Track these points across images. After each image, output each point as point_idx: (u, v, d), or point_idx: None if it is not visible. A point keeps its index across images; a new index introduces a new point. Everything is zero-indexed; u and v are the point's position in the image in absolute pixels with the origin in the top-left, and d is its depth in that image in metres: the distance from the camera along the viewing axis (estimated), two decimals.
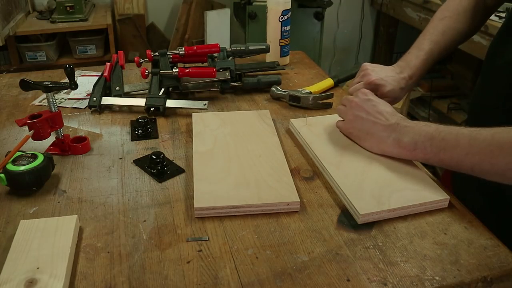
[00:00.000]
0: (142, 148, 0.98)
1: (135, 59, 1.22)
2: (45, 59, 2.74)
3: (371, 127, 0.87)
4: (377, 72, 1.00)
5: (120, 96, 1.16)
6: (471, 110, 1.07)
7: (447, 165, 0.78)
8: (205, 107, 1.10)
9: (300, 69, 1.38)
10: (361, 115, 0.89)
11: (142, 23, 3.00)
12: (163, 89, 1.15)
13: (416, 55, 1.03)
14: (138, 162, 0.93)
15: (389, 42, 3.44)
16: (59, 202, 0.82)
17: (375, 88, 0.97)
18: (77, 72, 1.34)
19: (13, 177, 0.81)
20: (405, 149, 0.83)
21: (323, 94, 1.14)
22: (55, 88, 0.92)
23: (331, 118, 1.05)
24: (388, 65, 1.04)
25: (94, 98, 1.14)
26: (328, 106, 1.13)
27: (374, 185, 0.81)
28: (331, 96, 1.14)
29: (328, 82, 1.23)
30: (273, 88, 1.19)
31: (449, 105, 3.03)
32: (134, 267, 0.68)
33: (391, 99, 0.98)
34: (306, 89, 1.17)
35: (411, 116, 3.09)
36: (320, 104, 1.12)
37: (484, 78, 0.97)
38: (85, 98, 1.19)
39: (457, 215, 0.78)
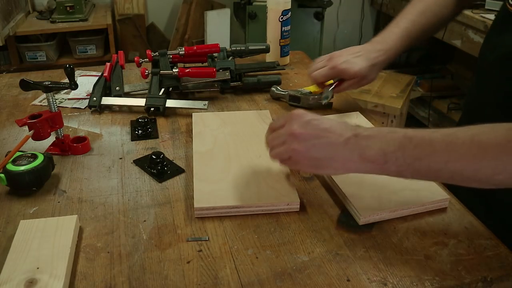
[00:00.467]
0: (142, 148, 0.98)
1: (135, 59, 1.22)
2: (45, 59, 2.74)
3: (329, 150, 0.71)
4: (344, 56, 0.99)
5: (120, 96, 1.16)
6: (466, 107, 1.06)
7: (423, 176, 0.68)
8: (205, 107, 1.10)
9: (300, 69, 1.38)
10: (312, 142, 0.72)
11: (142, 23, 3.00)
12: (163, 89, 1.15)
13: (392, 31, 1.02)
14: (138, 162, 0.93)
15: None
16: (59, 202, 0.82)
17: (341, 73, 0.97)
18: (77, 72, 1.34)
19: (13, 177, 0.81)
20: (374, 163, 0.69)
21: (323, 95, 1.14)
22: (55, 88, 0.92)
23: (329, 118, 1.05)
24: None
25: (94, 98, 1.14)
26: (328, 106, 1.13)
27: (374, 186, 0.81)
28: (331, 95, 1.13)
29: (328, 82, 1.23)
30: (273, 88, 1.19)
31: (449, 105, 3.04)
32: (134, 267, 0.68)
33: (360, 79, 0.98)
34: (306, 89, 1.17)
35: (411, 116, 3.09)
36: (320, 104, 1.12)
37: (479, 74, 0.96)
38: (85, 98, 1.19)
39: (457, 215, 0.78)
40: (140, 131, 1.03)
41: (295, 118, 0.74)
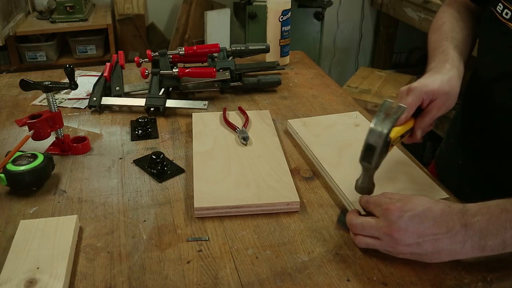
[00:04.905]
0: (142, 148, 0.98)
1: (135, 59, 1.22)
2: (45, 59, 2.74)
3: (434, 247, 0.64)
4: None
5: (120, 96, 1.16)
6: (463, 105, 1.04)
7: None
8: (205, 107, 1.10)
9: (300, 69, 1.38)
10: (415, 241, 0.64)
11: (142, 23, 3.00)
12: (163, 89, 1.15)
13: (443, 55, 0.87)
14: (138, 162, 0.93)
15: (389, 42, 3.44)
16: (59, 202, 0.82)
17: (421, 92, 0.77)
18: (77, 72, 1.34)
19: (13, 177, 0.81)
20: (492, 251, 0.64)
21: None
22: (55, 88, 0.92)
23: (329, 118, 1.05)
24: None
25: (94, 98, 1.14)
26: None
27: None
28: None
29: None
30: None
31: None
32: (134, 267, 0.68)
33: (445, 97, 0.79)
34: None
35: None
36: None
37: (475, 92, 0.94)
38: (85, 98, 1.19)
39: None
40: (140, 131, 1.03)
41: (393, 215, 0.65)
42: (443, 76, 0.80)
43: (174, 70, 1.16)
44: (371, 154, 0.71)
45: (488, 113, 0.89)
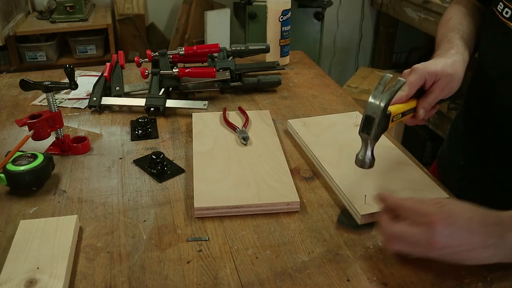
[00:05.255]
0: (142, 148, 0.98)
1: (135, 59, 1.22)
2: (45, 59, 2.74)
3: (468, 256, 0.65)
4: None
5: (120, 96, 1.16)
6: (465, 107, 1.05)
7: None
8: (205, 107, 1.10)
9: (300, 69, 1.38)
10: (453, 251, 0.64)
11: (142, 23, 3.00)
12: (163, 89, 1.15)
13: (448, 43, 0.88)
14: (138, 162, 0.93)
15: (389, 42, 3.44)
16: (59, 202, 0.82)
17: (424, 71, 0.78)
18: (77, 72, 1.34)
19: (13, 177, 0.81)
20: None
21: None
22: (55, 88, 0.92)
23: (329, 118, 1.05)
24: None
25: (94, 98, 1.14)
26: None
27: (374, 185, 0.81)
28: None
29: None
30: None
31: (449, 105, 3.03)
32: (134, 267, 0.68)
33: (448, 79, 0.79)
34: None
35: None
36: None
37: (480, 91, 0.94)
38: (85, 98, 1.19)
39: None
40: (140, 131, 1.03)
41: (438, 228, 0.63)
42: (446, 60, 0.81)
43: (174, 70, 1.16)
44: (370, 125, 0.73)
45: (491, 113, 0.89)
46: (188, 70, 1.16)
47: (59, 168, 0.91)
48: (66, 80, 0.93)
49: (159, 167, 0.89)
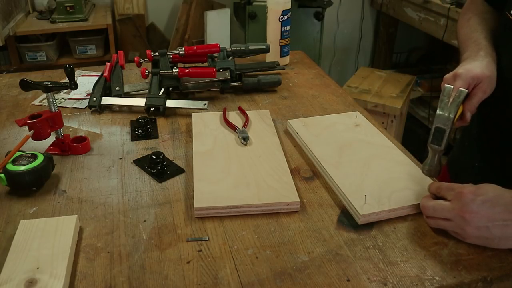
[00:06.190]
0: (142, 148, 0.98)
1: (135, 59, 1.22)
2: (45, 59, 2.74)
3: (503, 232, 0.68)
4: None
5: (120, 96, 1.16)
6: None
7: None
8: (205, 107, 1.10)
9: (300, 69, 1.38)
10: (485, 225, 0.68)
11: (142, 23, 3.00)
12: (163, 89, 1.15)
13: (475, 45, 0.89)
14: (138, 162, 0.93)
15: (389, 42, 3.44)
16: (59, 202, 0.82)
17: (467, 76, 0.80)
18: (77, 72, 1.34)
19: (13, 177, 0.81)
20: None
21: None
22: (55, 88, 0.92)
23: (329, 118, 1.05)
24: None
25: (94, 98, 1.14)
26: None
27: (374, 185, 0.82)
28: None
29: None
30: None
31: None
32: (134, 267, 0.68)
33: (487, 81, 0.81)
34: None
35: (411, 116, 3.09)
36: None
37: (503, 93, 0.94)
38: (85, 98, 1.19)
39: None
40: (140, 131, 1.03)
41: (466, 197, 0.69)
42: (481, 62, 0.84)
43: (174, 70, 1.16)
44: (441, 136, 0.78)
45: (507, 116, 0.89)
46: (188, 70, 1.16)
47: (59, 168, 0.91)
48: (66, 80, 0.93)
49: (159, 167, 0.89)
